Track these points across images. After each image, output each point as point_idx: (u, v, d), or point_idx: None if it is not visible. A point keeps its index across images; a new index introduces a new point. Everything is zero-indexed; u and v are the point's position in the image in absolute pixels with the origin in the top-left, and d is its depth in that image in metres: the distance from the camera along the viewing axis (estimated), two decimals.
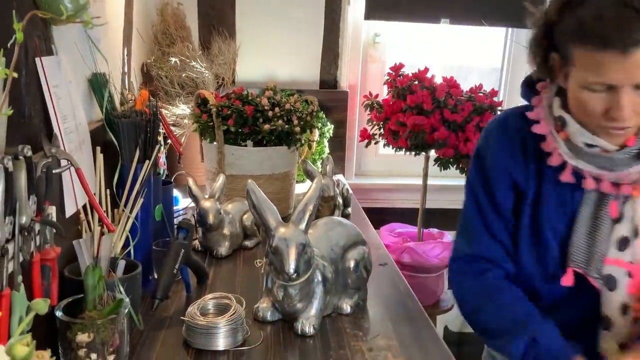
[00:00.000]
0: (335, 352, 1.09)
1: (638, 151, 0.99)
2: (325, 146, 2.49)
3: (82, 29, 1.28)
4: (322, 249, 1.23)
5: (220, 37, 2.34)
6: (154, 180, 1.34)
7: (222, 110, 1.76)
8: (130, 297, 1.04)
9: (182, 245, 1.23)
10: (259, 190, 1.15)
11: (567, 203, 1.07)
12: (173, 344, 1.10)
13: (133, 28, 1.91)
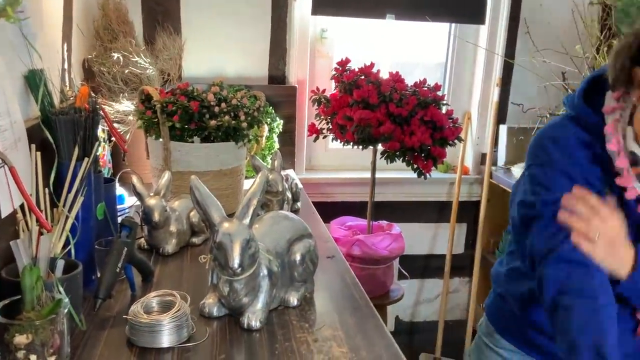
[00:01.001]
0: (280, 345, 1.10)
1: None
2: (275, 141, 2.49)
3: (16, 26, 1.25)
4: (268, 243, 1.23)
5: (165, 32, 2.31)
6: (95, 178, 1.32)
7: (166, 107, 1.74)
8: (70, 297, 1.02)
9: (124, 243, 1.21)
10: (202, 186, 1.15)
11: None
12: (116, 344, 1.08)
13: (73, 23, 1.87)
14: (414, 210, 2.87)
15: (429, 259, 2.99)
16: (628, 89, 1.05)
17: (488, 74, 2.76)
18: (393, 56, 2.75)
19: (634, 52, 1.00)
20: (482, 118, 2.81)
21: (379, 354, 1.09)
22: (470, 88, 2.84)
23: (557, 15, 2.63)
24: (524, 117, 2.73)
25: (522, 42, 2.71)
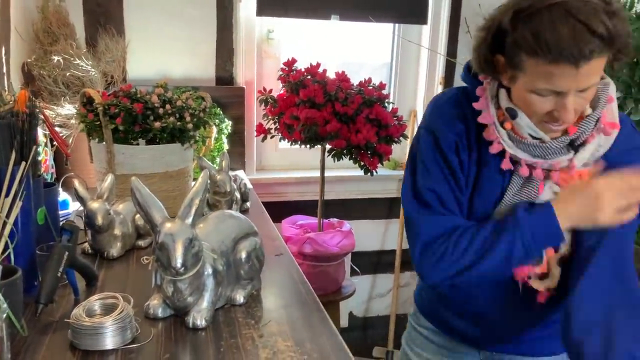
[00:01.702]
0: (226, 342, 1.11)
1: (570, 140, 1.09)
2: (224, 142, 2.49)
3: None
4: (213, 242, 1.24)
5: (107, 34, 2.28)
6: (34, 182, 1.30)
7: (109, 109, 1.72)
8: (9, 303, 1.01)
9: (65, 247, 1.20)
10: (143, 187, 1.15)
11: (500, 184, 1.17)
12: (59, 348, 1.07)
13: (11, 27, 1.83)
14: (364, 207, 2.92)
15: (381, 254, 3.04)
16: (495, 77, 1.12)
17: (431, 73, 2.83)
18: (340, 56, 2.79)
19: (490, 43, 1.07)
20: None
21: (323, 345, 1.11)
22: (415, 87, 2.91)
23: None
24: None
25: (463, 41, 2.79)
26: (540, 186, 1.13)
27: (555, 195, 1.12)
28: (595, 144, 1.09)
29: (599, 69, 0.99)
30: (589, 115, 1.08)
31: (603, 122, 1.09)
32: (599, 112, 1.08)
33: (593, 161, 1.11)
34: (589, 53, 0.94)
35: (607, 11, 0.95)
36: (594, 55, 0.95)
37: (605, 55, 0.98)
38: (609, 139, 1.09)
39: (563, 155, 1.10)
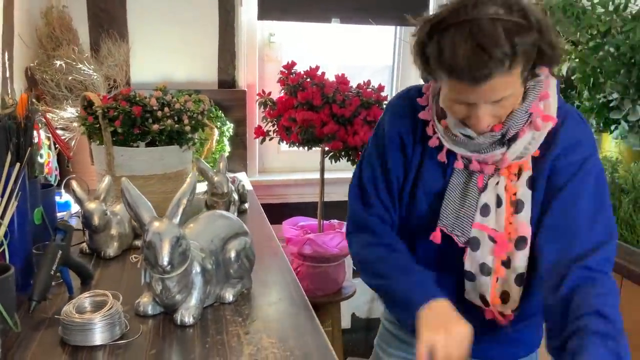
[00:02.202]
0: (212, 338, 1.14)
1: (501, 136, 1.10)
2: (226, 145, 2.53)
3: None
4: (202, 241, 1.27)
5: (110, 39, 2.32)
6: (30, 183, 1.33)
7: (108, 112, 1.76)
8: (1, 299, 1.05)
9: (59, 246, 1.24)
10: (132, 188, 1.18)
11: (442, 176, 1.20)
12: (50, 343, 1.11)
13: (15, 32, 1.88)
14: None
15: None
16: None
17: None
18: (341, 59, 2.82)
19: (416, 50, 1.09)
20: None
21: (307, 343, 1.14)
22: None
23: None
24: None
25: None
26: (480, 179, 1.15)
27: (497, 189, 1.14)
28: (528, 138, 1.09)
29: (508, 82, 0.99)
30: (516, 111, 1.08)
31: (536, 117, 1.09)
32: (525, 108, 1.08)
33: (527, 154, 1.11)
34: (487, 75, 0.95)
35: (517, 28, 0.94)
36: (493, 76, 0.95)
37: (512, 71, 0.97)
38: (542, 132, 1.09)
39: (496, 150, 1.11)
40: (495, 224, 1.13)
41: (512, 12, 0.95)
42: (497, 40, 0.93)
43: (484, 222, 1.14)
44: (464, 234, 1.17)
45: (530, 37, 0.96)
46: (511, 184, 1.12)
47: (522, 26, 0.95)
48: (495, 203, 1.13)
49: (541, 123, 1.09)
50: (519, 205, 1.11)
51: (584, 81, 2.13)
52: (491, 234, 1.13)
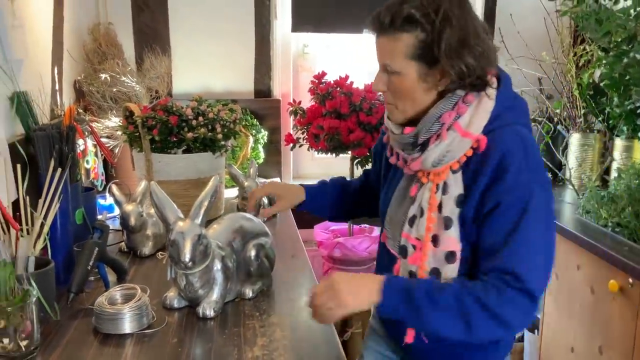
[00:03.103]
0: (229, 330, 1.23)
1: (414, 140, 1.15)
2: (260, 151, 2.64)
3: (0, 52, 1.42)
4: (224, 240, 1.37)
5: (153, 53, 2.48)
6: (72, 186, 1.47)
7: (147, 121, 1.89)
8: (42, 290, 1.17)
9: (95, 243, 1.36)
10: (160, 191, 1.29)
11: (395, 182, 1.26)
12: (84, 331, 1.22)
13: (64, 48, 2.04)
14: None
15: None
16: None
17: None
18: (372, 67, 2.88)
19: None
20: None
21: (316, 336, 1.21)
22: None
23: (528, 23, 2.73)
24: None
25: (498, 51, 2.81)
26: (414, 189, 1.18)
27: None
28: (442, 148, 1.11)
29: (391, 51, 1.10)
30: (426, 116, 1.13)
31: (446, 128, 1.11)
32: (434, 114, 1.12)
33: (442, 164, 1.12)
34: (376, 31, 1.12)
35: (412, 14, 1.06)
36: (380, 33, 1.11)
37: (396, 42, 1.08)
38: (461, 147, 1.11)
39: (414, 153, 1.16)
40: (417, 233, 1.16)
41: (425, 7, 1.07)
42: (391, 7, 1.09)
43: (409, 232, 1.17)
44: (394, 241, 1.21)
45: (422, 25, 1.06)
46: (434, 197, 1.13)
47: (422, 11, 1.07)
48: (419, 213, 1.16)
49: (453, 135, 1.11)
50: (447, 222, 1.11)
51: (612, 88, 2.13)
52: (414, 243, 1.16)
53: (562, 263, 2.06)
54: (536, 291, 1.05)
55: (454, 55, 1.06)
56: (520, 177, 1.07)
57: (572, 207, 2.20)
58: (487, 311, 1.03)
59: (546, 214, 1.09)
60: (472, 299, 1.04)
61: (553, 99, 2.67)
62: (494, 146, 1.09)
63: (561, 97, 2.57)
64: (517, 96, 1.19)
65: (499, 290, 1.03)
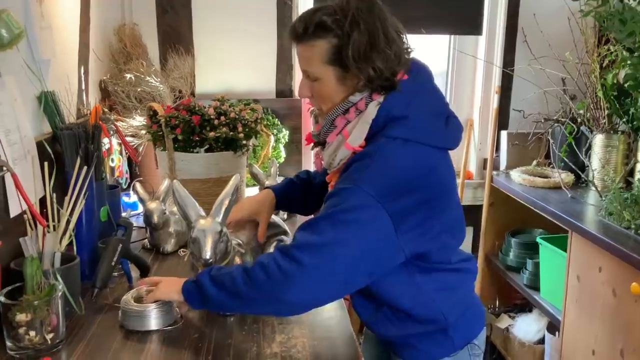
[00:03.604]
0: (249, 327, 1.26)
1: (317, 139, 1.26)
2: (282, 151, 2.66)
3: (29, 53, 1.46)
4: (244, 238, 1.39)
5: (176, 53, 2.51)
6: (97, 184, 1.50)
7: (170, 121, 1.92)
8: (67, 285, 1.21)
9: (119, 240, 1.39)
10: (182, 189, 1.32)
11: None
12: (107, 326, 1.26)
13: (90, 50, 2.08)
14: None
15: None
16: None
17: (488, 82, 2.86)
18: None
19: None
20: (484, 124, 2.91)
21: (333, 334, 1.23)
22: (471, 96, 2.95)
23: (552, 23, 2.70)
24: (526, 123, 2.81)
25: (521, 50, 2.80)
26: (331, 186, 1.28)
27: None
28: (330, 151, 1.21)
29: (308, 58, 1.17)
30: (325, 118, 1.22)
31: (333, 131, 1.20)
32: (330, 117, 1.21)
33: (333, 167, 1.22)
34: (293, 39, 1.18)
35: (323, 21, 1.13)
36: (297, 42, 1.17)
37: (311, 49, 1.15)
38: (340, 153, 1.18)
39: (322, 151, 1.25)
40: None
41: (336, 14, 1.13)
42: (305, 16, 1.16)
43: None
44: None
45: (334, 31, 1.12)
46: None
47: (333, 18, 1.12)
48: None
49: (338, 138, 1.18)
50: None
51: (636, 88, 2.11)
52: None
53: (583, 265, 2.04)
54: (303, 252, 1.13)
55: (362, 59, 1.11)
56: (351, 188, 1.10)
57: (594, 209, 2.18)
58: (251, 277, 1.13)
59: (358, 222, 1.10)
60: (240, 271, 1.15)
61: (576, 100, 2.64)
62: (358, 159, 1.15)
63: (585, 97, 2.54)
64: (411, 104, 1.16)
65: (280, 267, 1.10)
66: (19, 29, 1.20)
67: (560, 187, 2.45)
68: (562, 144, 2.57)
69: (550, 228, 2.48)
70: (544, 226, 2.62)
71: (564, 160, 2.56)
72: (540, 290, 2.41)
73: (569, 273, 2.12)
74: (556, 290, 2.25)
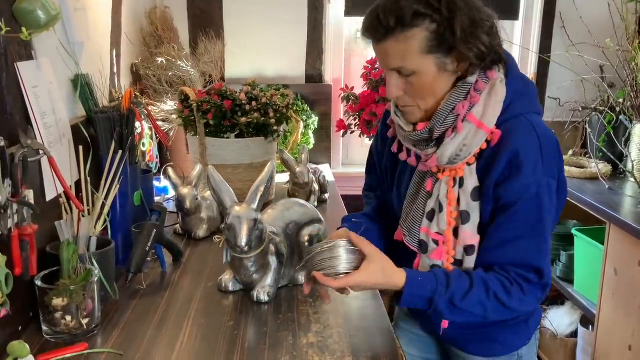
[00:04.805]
0: (284, 315, 1.24)
1: (428, 135, 1.11)
2: (311, 137, 2.63)
3: (64, 35, 1.45)
4: (279, 226, 1.37)
5: (207, 38, 2.49)
6: (131, 169, 1.49)
7: (201, 105, 1.90)
8: (103, 270, 1.20)
9: (154, 225, 1.38)
10: (217, 175, 1.30)
11: (407, 176, 1.22)
12: (142, 311, 1.25)
13: (122, 32, 2.07)
14: None
15: None
16: None
17: (523, 69, 2.78)
18: None
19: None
20: None
21: (370, 325, 1.21)
22: None
23: (591, 9, 2.62)
24: (562, 111, 2.74)
25: (559, 36, 2.72)
26: (429, 183, 1.15)
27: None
28: (458, 142, 1.08)
29: (402, 51, 1.03)
30: (439, 109, 1.09)
31: (461, 120, 1.07)
32: (447, 107, 1.08)
33: (459, 160, 1.09)
34: (379, 37, 1.04)
35: (419, 5, 1.00)
36: (385, 39, 1.03)
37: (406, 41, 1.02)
38: (476, 140, 1.07)
39: (429, 149, 1.11)
40: (437, 227, 1.14)
41: None
42: (392, 6, 1.02)
43: (429, 226, 1.15)
44: (412, 237, 1.18)
45: (431, 16, 1.01)
46: (452, 191, 1.11)
47: (425, 2, 1.01)
48: (438, 209, 1.13)
49: (469, 127, 1.07)
50: (464, 216, 1.11)
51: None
52: (435, 238, 1.14)
53: (621, 258, 1.99)
54: (549, 284, 1.12)
55: (470, 37, 1.02)
56: (536, 175, 1.07)
57: (633, 201, 2.11)
58: (507, 310, 1.10)
59: (553, 206, 1.11)
60: (494, 303, 1.08)
61: (615, 88, 2.56)
62: (507, 139, 1.07)
63: (624, 86, 2.46)
64: (526, 79, 1.16)
65: (522, 289, 1.09)
66: (55, 10, 1.19)
67: (597, 177, 2.37)
68: (600, 134, 2.49)
69: (585, 220, 2.42)
70: (578, 217, 2.55)
71: (602, 150, 2.48)
72: (574, 283, 2.36)
73: (606, 266, 2.06)
74: (591, 283, 2.20)
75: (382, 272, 1.09)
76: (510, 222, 1.08)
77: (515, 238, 1.09)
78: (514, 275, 1.09)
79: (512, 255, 1.09)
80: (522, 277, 1.09)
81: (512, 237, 1.09)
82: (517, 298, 1.09)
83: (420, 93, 1.09)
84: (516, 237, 1.09)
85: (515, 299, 1.09)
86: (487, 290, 1.08)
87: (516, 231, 1.08)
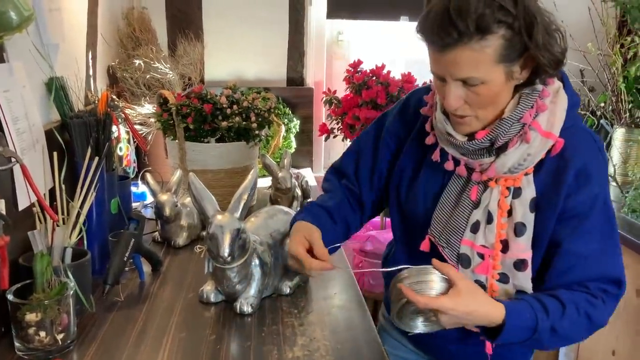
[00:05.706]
0: (268, 328, 1.20)
1: (489, 145, 1.05)
2: (292, 141, 2.59)
3: (37, 37, 1.39)
4: (262, 235, 1.33)
5: (186, 39, 2.44)
6: (108, 175, 1.44)
7: (181, 109, 1.85)
8: (78, 282, 1.15)
9: (132, 234, 1.33)
10: (198, 182, 1.25)
11: (442, 178, 1.15)
12: (120, 324, 1.20)
13: (98, 33, 2.01)
14: None
15: None
16: None
17: None
18: (409, 55, 2.81)
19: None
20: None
21: (357, 336, 1.17)
22: None
23: (572, 13, 2.62)
24: None
25: None
26: (474, 191, 1.09)
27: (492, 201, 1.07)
28: (522, 152, 1.03)
29: (474, 61, 0.95)
30: (504, 117, 1.03)
31: (529, 128, 1.02)
32: (516, 115, 1.03)
33: (521, 170, 1.04)
34: (448, 43, 0.94)
35: (495, 8, 0.91)
36: (455, 46, 0.93)
37: (481, 49, 0.94)
38: (538, 149, 1.03)
39: (484, 158, 1.06)
40: (484, 240, 1.08)
41: (494, 1, 0.92)
42: (468, 10, 0.91)
43: (473, 239, 1.08)
44: (451, 248, 1.10)
45: (509, 23, 0.92)
46: (504, 201, 1.06)
47: (503, 8, 0.92)
48: (486, 220, 1.07)
49: (535, 135, 1.02)
50: (519, 228, 1.05)
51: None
52: (480, 251, 1.08)
53: None
54: (624, 291, 1.08)
55: (548, 45, 0.95)
56: (601, 183, 1.05)
57: (616, 206, 2.12)
58: (595, 328, 1.06)
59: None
60: (586, 322, 1.04)
61: (596, 92, 2.57)
62: (571, 149, 1.03)
63: (606, 90, 2.47)
64: (573, 90, 1.12)
65: (604, 301, 1.04)
66: (28, 11, 1.13)
67: None
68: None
69: None
70: None
71: None
72: None
73: None
74: None
75: (474, 300, 0.99)
76: (584, 235, 1.04)
77: (592, 251, 1.04)
78: (594, 289, 1.04)
79: (591, 270, 1.05)
80: (602, 290, 1.05)
81: (589, 251, 1.04)
82: (601, 312, 1.04)
83: (482, 103, 1.01)
84: (593, 250, 1.04)
85: (599, 314, 1.04)
86: (578, 309, 1.02)
87: (592, 244, 1.04)
